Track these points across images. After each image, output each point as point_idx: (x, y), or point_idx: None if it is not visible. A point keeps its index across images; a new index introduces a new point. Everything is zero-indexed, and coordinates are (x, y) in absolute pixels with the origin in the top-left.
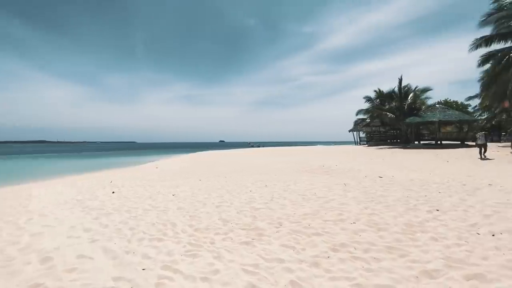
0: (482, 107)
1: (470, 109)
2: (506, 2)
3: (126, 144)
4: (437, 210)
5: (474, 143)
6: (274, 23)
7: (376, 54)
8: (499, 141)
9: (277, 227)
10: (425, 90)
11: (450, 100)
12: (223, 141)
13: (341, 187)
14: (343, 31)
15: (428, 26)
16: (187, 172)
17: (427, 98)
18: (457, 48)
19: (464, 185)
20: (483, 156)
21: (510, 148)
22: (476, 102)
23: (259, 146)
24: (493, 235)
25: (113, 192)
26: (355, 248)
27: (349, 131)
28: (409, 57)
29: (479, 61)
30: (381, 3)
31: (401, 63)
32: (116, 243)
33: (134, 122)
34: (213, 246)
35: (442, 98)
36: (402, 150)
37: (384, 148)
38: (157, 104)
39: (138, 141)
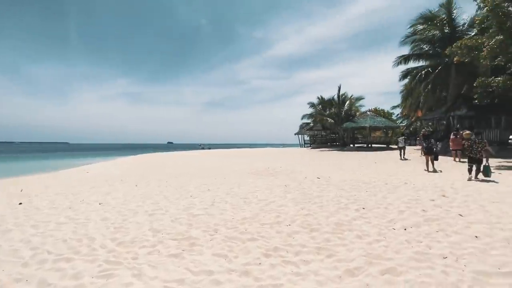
0: (403, 115)
1: (394, 116)
2: (419, 28)
3: (55, 145)
4: (363, 209)
5: (396, 146)
6: (226, 25)
7: (319, 64)
8: (415, 144)
9: (212, 235)
10: (359, 98)
11: (379, 108)
12: (171, 142)
13: (283, 188)
14: (290, 40)
15: (362, 42)
16: (124, 177)
17: (361, 106)
18: (385, 63)
19: (386, 184)
20: (402, 158)
21: (420, 151)
22: (398, 110)
23: (209, 148)
24: (405, 229)
25: (19, 203)
26: (287, 252)
27: (295, 134)
28: (346, 68)
29: (400, 76)
30: (322, 19)
31: (340, 74)
32: (4, 270)
33: (67, 120)
34: (135, 262)
35: (372, 107)
36: (339, 152)
37: (325, 150)
38: (95, 101)
39: (71, 142)
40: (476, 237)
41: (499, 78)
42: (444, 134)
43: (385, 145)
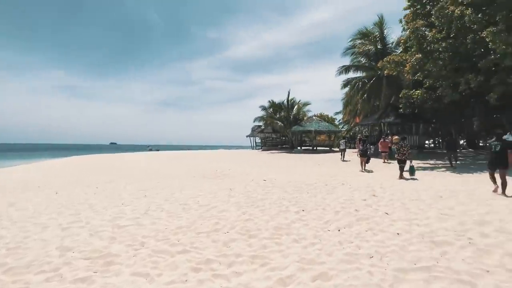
0: (344, 121)
1: (336, 121)
2: (357, 42)
3: None
4: (303, 211)
5: (338, 149)
6: (179, 22)
7: (272, 69)
8: (354, 147)
9: (136, 249)
10: (306, 104)
11: (324, 114)
12: (115, 143)
13: (227, 192)
14: (245, 43)
15: (311, 52)
16: (45, 183)
17: (308, 111)
18: (330, 72)
19: (326, 185)
20: (343, 159)
21: (357, 153)
22: (340, 116)
23: (158, 150)
24: (339, 230)
25: None
26: (219, 264)
27: (247, 136)
28: (296, 75)
29: (341, 85)
30: (277, 26)
31: (291, 80)
32: None
33: None
34: None
35: (318, 112)
36: (288, 154)
37: (275, 152)
38: (23, 93)
39: None
40: (397, 234)
41: (418, 91)
42: (377, 138)
43: (328, 148)
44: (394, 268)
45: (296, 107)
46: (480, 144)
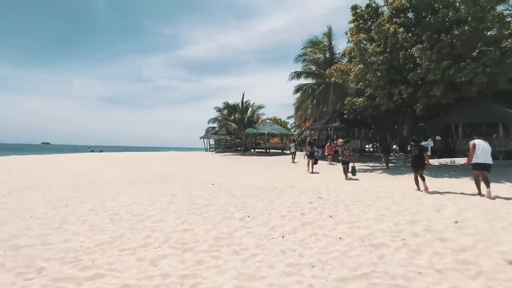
0: (296, 125)
1: (289, 125)
2: (308, 50)
3: None
4: (248, 217)
5: (288, 152)
6: (129, 13)
7: (228, 72)
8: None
9: (28, 279)
10: (260, 107)
11: (277, 117)
12: (47, 143)
13: (168, 198)
14: (201, 44)
15: (267, 57)
16: None
17: (262, 114)
18: (284, 77)
19: (275, 188)
20: (293, 161)
21: (304, 155)
22: (292, 120)
23: (101, 151)
24: (283, 237)
25: None
26: None
27: (200, 138)
28: (253, 79)
29: (294, 90)
30: (234, 29)
31: (247, 83)
32: None
33: None
34: None
35: (272, 115)
36: (241, 156)
37: (228, 155)
38: None
39: None
40: (340, 238)
41: (360, 99)
42: (325, 142)
43: (280, 151)
44: (336, 277)
45: (250, 109)
46: (408, 149)
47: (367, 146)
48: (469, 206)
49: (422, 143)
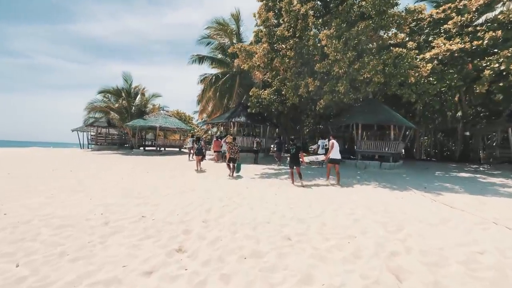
0: (201, 119)
1: (195, 121)
2: (212, 32)
3: None
4: None
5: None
6: None
7: (134, 59)
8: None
9: None
10: (156, 95)
11: (181, 111)
12: None
13: None
14: (102, 22)
15: (181, 51)
16: None
17: (166, 106)
18: (197, 74)
19: (107, 223)
20: (191, 158)
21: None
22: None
23: None
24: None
25: None
26: None
27: (73, 130)
28: (164, 71)
29: (198, 80)
30: (144, 13)
31: (157, 74)
32: None
33: None
34: None
35: (175, 109)
36: (121, 157)
37: (106, 153)
38: None
39: None
40: None
41: (266, 91)
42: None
43: (178, 149)
44: None
45: (139, 96)
46: (287, 148)
47: (272, 145)
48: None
49: (319, 142)
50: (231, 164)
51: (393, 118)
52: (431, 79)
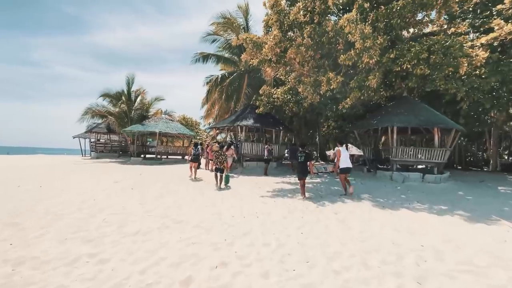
0: (206, 123)
1: (201, 126)
2: (219, 29)
3: None
4: None
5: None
6: None
7: (147, 67)
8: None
9: None
10: (159, 99)
11: (187, 116)
12: None
13: None
14: (116, 32)
15: (190, 59)
16: None
17: (172, 112)
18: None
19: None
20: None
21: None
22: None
23: None
24: None
25: None
26: None
27: (74, 137)
28: (175, 79)
29: (204, 83)
30: (155, 23)
31: (168, 82)
32: None
33: None
34: None
35: (182, 114)
36: (118, 166)
37: (104, 162)
38: None
39: None
40: None
41: (279, 90)
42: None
43: (181, 157)
44: None
45: (139, 99)
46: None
47: (285, 153)
48: None
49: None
50: (218, 175)
51: (439, 119)
52: (483, 70)
